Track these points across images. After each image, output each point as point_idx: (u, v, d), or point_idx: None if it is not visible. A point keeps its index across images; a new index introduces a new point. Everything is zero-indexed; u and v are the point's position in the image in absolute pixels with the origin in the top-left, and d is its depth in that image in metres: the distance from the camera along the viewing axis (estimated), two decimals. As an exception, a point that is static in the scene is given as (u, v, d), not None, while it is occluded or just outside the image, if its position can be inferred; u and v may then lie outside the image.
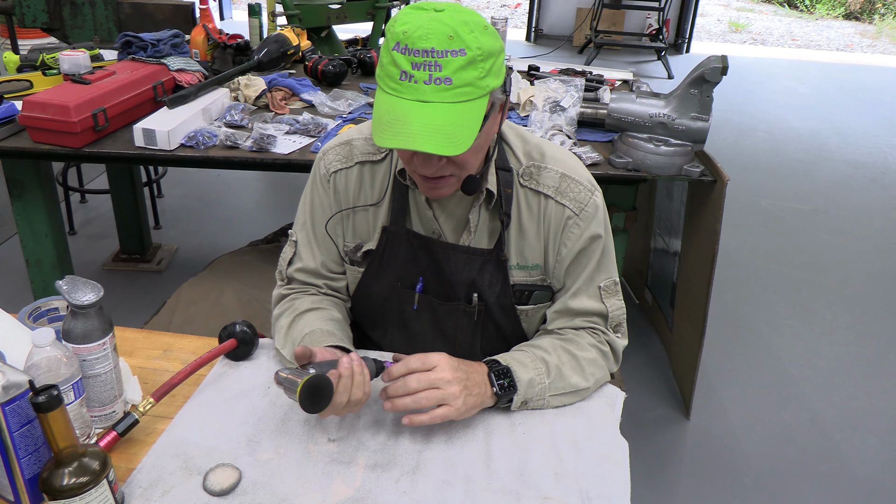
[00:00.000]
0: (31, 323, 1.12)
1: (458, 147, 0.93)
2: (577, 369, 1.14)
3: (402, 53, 0.92)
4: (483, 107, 0.96)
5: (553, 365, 1.12)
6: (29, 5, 2.63)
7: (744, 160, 4.71)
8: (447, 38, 0.91)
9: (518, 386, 1.08)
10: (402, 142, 0.92)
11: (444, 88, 0.92)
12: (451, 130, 0.92)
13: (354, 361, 1.00)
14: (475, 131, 0.95)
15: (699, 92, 1.92)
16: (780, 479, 2.13)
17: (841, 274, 3.37)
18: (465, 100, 0.93)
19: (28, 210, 2.14)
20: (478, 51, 0.92)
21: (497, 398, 1.07)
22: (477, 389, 1.04)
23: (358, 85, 2.52)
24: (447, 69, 0.91)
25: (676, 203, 2.42)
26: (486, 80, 0.95)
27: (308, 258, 1.24)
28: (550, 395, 1.11)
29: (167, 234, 3.41)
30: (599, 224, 1.16)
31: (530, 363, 1.11)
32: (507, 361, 1.10)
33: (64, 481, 0.80)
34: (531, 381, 1.09)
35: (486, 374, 1.07)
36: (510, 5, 10.36)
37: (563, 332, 1.20)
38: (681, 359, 2.45)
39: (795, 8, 11.43)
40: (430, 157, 0.99)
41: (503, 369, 1.08)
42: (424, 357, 1.03)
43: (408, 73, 0.92)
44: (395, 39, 0.93)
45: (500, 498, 0.95)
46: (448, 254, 1.17)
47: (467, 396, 1.02)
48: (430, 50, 0.90)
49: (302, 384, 0.92)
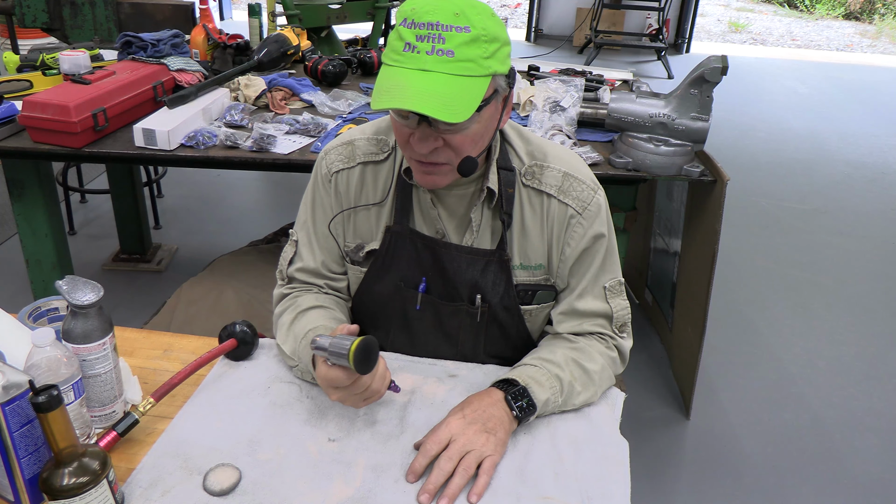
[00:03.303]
0: (31, 323, 1.12)
1: (455, 115, 0.93)
2: (588, 384, 1.13)
3: (408, 28, 0.94)
4: (484, 87, 0.96)
5: (566, 382, 1.11)
6: (29, 5, 2.63)
7: (744, 160, 4.71)
8: (453, 15, 0.93)
9: (537, 405, 1.06)
10: (398, 102, 0.92)
11: (446, 60, 0.93)
12: (450, 99, 0.93)
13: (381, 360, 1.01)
14: (474, 106, 0.95)
15: (699, 92, 1.92)
16: (780, 479, 2.13)
17: (841, 274, 3.37)
18: (466, 74, 0.94)
19: (28, 210, 2.14)
20: (483, 30, 0.94)
21: (518, 421, 1.05)
22: (498, 425, 1.02)
23: (358, 85, 2.51)
24: (450, 42, 0.93)
25: (676, 203, 2.42)
26: (489, 62, 0.96)
27: (308, 258, 1.24)
28: (561, 409, 1.11)
29: (167, 234, 3.41)
30: (603, 223, 1.16)
31: (546, 381, 1.09)
32: (525, 381, 1.08)
33: (64, 481, 0.80)
34: (547, 400, 1.08)
35: (503, 400, 1.05)
36: (510, 5, 10.36)
37: (573, 339, 1.19)
38: (681, 359, 2.45)
39: (795, 8, 11.43)
40: (427, 134, 0.99)
41: (520, 390, 1.06)
42: (436, 435, 1.00)
43: (411, 44, 0.94)
44: (402, 16, 0.96)
45: (500, 498, 0.95)
46: (451, 254, 1.17)
47: (495, 435, 1.01)
48: (434, 23, 0.93)
49: (356, 344, 0.94)
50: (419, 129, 1.00)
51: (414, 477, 0.97)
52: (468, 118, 0.94)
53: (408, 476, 0.97)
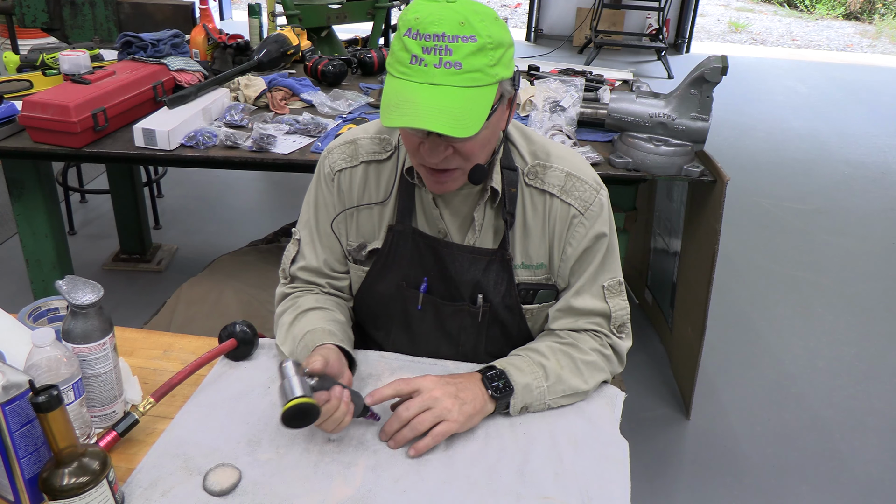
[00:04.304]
0: (31, 323, 1.12)
1: (465, 129, 0.93)
2: (576, 372, 1.14)
3: (413, 38, 0.93)
4: (492, 95, 0.97)
5: (551, 369, 1.12)
6: (29, 5, 2.63)
7: (744, 160, 4.71)
8: (458, 25, 0.92)
9: (514, 387, 1.07)
10: (410, 120, 0.92)
11: (454, 72, 0.93)
12: (460, 113, 0.93)
13: (344, 399, 0.99)
14: (483, 117, 0.95)
15: (699, 92, 1.92)
16: (780, 479, 2.13)
17: (841, 274, 3.37)
18: (475, 85, 0.94)
19: (28, 210, 2.14)
20: (488, 38, 0.93)
21: (495, 401, 1.06)
22: (471, 397, 1.04)
23: (358, 85, 2.51)
24: (457, 54, 0.92)
25: (676, 203, 2.42)
26: (495, 69, 0.96)
27: (311, 257, 1.24)
28: (550, 398, 1.10)
29: (167, 234, 3.41)
30: (604, 223, 1.16)
31: (527, 368, 1.11)
32: (503, 366, 1.10)
33: (64, 481, 0.80)
34: (528, 385, 1.08)
35: (479, 381, 1.07)
36: (510, 5, 10.35)
37: (565, 334, 1.19)
38: (681, 359, 2.45)
39: (795, 8, 11.43)
40: (437, 144, 1.00)
41: (497, 373, 1.08)
42: (409, 380, 1.04)
43: (418, 56, 0.93)
44: (406, 26, 0.94)
45: (500, 498, 0.95)
46: (453, 254, 1.17)
47: (462, 405, 1.02)
48: (440, 35, 0.92)
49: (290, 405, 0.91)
50: (429, 140, 1.00)
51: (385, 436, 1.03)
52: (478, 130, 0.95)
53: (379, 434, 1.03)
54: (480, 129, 0.98)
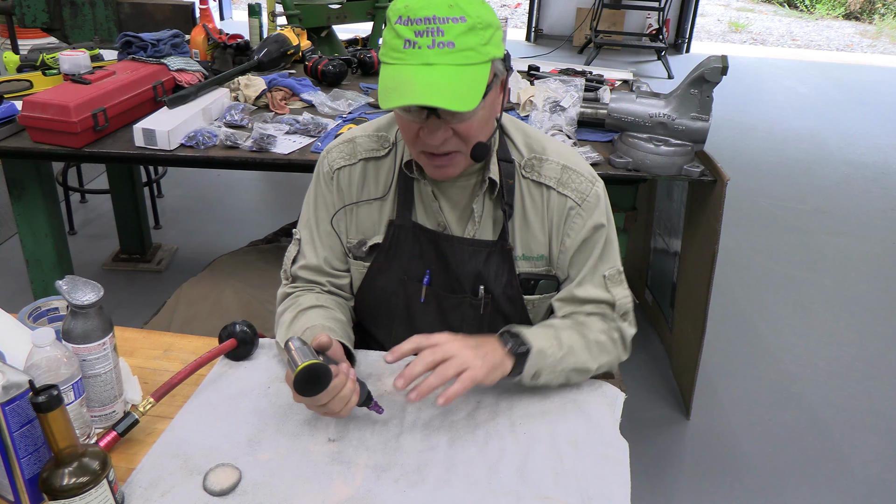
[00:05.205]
0: (31, 323, 1.12)
1: (464, 103, 0.94)
2: (586, 348, 1.14)
3: (405, 25, 0.95)
4: (486, 73, 0.98)
5: (565, 340, 1.12)
6: (29, 5, 2.63)
7: (744, 160, 4.71)
8: (447, 7, 0.94)
9: (531, 348, 1.07)
10: (409, 98, 0.93)
11: (448, 51, 0.95)
12: (457, 88, 0.94)
13: (350, 376, 0.99)
14: (480, 92, 0.97)
15: (699, 92, 1.92)
16: (780, 479, 2.13)
17: (841, 274, 3.37)
18: (469, 63, 0.96)
19: (28, 210, 2.14)
20: (477, 18, 0.96)
21: (514, 357, 1.06)
22: (490, 350, 1.04)
23: (358, 85, 2.51)
24: (449, 34, 0.94)
25: (676, 203, 2.42)
26: (487, 48, 0.98)
27: (311, 255, 1.24)
28: (561, 368, 1.10)
29: (167, 234, 3.41)
30: (602, 213, 1.17)
31: (542, 335, 1.11)
32: (518, 330, 1.10)
33: (64, 481, 0.80)
34: (542, 350, 1.08)
35: (497, 338, 1.08)
36: (510, 5, 10.36)
37: (574, 317, 1.20)
38: (681, 359, 2.45)
39: (795, 8, 11.43)
40: (436, 126, 1.01)
41: (513, 333, 1.08)
42: (428, 336, 1.03)
43: (411, 40, 0.95)
44: (396, 14, 0.96)
45: (500, 498, 0.95)
46: (454, 246, 1.18)
47: (484, 356, 1.02)
48: (431, 17, 0.94)
49: (303, 366, 0.92)
50: (428, 123, 1.01)
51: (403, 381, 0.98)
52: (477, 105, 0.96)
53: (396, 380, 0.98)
54: (477, 109, 0.99)
